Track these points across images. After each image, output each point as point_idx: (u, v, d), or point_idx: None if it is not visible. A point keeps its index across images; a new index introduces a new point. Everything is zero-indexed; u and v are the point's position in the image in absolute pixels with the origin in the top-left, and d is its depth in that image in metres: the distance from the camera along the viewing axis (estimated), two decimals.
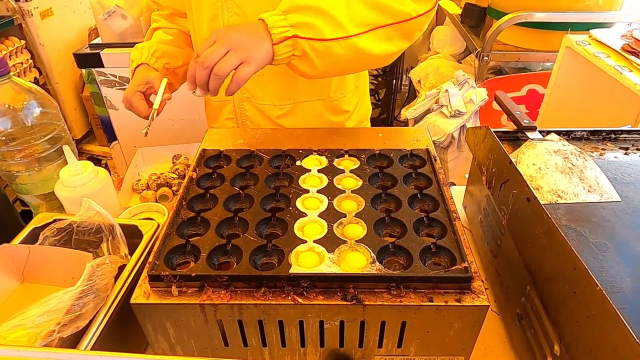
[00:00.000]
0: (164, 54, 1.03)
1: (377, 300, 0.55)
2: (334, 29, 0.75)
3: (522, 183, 0.64)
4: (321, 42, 0.75)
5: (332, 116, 1.09)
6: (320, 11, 0.75)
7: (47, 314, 0.51)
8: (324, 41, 0.75)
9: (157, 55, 1.01)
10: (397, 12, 0.80)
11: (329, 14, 0.75)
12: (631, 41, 1.31)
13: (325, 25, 0.75)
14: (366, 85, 1.21)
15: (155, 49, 1.01)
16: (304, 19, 0.74)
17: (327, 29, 0.75)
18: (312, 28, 0.74)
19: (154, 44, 1.03)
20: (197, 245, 0.62)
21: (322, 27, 0.74)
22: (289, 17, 0.74)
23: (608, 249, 0.60)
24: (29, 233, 0.71)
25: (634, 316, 0.50)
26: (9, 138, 0.79)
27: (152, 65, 0.99)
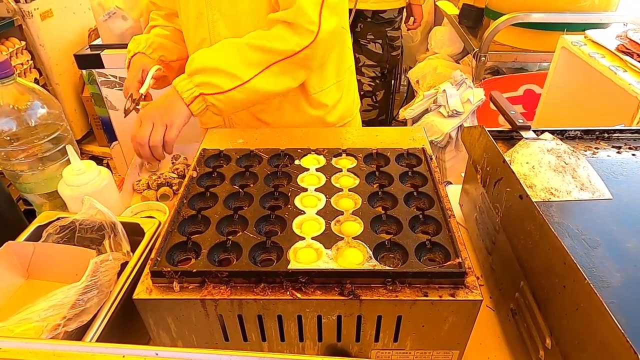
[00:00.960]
0: (160, 46, 1.09)
1: (374, 295, 0.57)
2: (230, 81, 0.89)
3: (515, 181, 0.66)
4: (222, 94, 0.89)
5: (312, 110, 1.12)
6: (215, 70, 0.89)
7: (53, 308, 0.52)
8: (224, 93, 0.89)
9: (153, 47, 1.07)
10: (282, 51, 0.91)
11: (222, 70, 0.89)
12: (626, 42, 1.32)
13: (222, 80, 0.89)
14: (351, 81, 1.22)
15: (152, 41, 1.07)
16: (204, 79, 0.89)
17: (224, 83, 0.89)
18: (212, 85, 0.88)
19: (151, 36, 1.09)
20: (198, 242, 0.63)
21: (220, 82, 0.89)
22: (194, 79, 0.89)
23: (599, 245, 0.62)
24: (33, 231, 0.72)
25: (623, 310, 0.52)
26: (13, 138, 0.80)
27: (148, 55, 1.05)
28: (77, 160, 0.78)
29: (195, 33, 1.04)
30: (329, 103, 1.13)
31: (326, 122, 1.14)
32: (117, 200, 0.88)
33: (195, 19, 1.02)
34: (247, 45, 0.91)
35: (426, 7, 2.88)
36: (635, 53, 1.28)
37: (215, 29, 1.01)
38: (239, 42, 0.92)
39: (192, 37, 1.05)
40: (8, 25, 2.22)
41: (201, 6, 0.99)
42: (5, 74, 0.76)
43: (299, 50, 0.91)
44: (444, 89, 1.91)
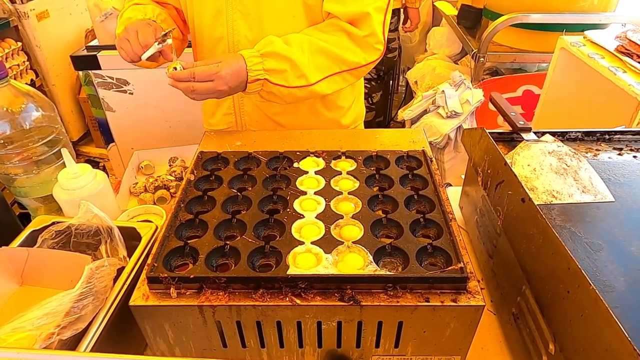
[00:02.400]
0: (166, 19, 1.01)
1: (374, 301, 0.56)
2: (298, 78, 0.89)
3: (517, 184, 0.65)
4: (285, 88, 0.89)
5: (328, 112, 1.11)
6: (290, 61, 0.88)
7: (47, 316, 0.51)
8: (288, 88, 0.89)
9: (161, 18, 0.99)
10: (350, 62, 0.93)
11: (296, 65, 0.88)
12: (625, 42, 1.32)
13: (292, 74, 0.89)
14: (361, 86, 1.23)
15: (159, 12, 1.00)
16: (277, 65, 0.87)
17: (292, 78, 0.89)
18: (281, 76, 0.88)
19: (156, 7, 1.00)
20: (195, 247, 0.62)
21: (289, 76, 0.89)
22: (265, 62, 0.87)
23: (602, 249, 0.61)
24: (28, 236, 0.71)
25: (628, 315, 0.51)
26: (7, 141, 0.79)
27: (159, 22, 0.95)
28: (72, 163, 0.77)
29: (211, 31, 1.00)
30: (345, 105, 1.13)
31: (341, 125, 1.15)
32: (114, 204, 0.86)
33: (212, 17, 0.98)
34: (321, 50, 0.91)
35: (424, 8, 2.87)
36: (634, 54, 1.27)
37: (235, 28, 0.98)
38: (314, 42, 0.92)
39: (207, 35, 1.02)
40: (4, 26, 2.21)
41: (220, 4, 0.96)
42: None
43: (365, 65, 0.95)
44: (443, 89, 1.90)
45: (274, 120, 1.09)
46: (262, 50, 0.88)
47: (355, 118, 1.20)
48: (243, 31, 0.98)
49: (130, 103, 1.92)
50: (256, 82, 0.87)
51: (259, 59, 0.87)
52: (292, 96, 0.92)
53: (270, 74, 0.87)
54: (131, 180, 1.09)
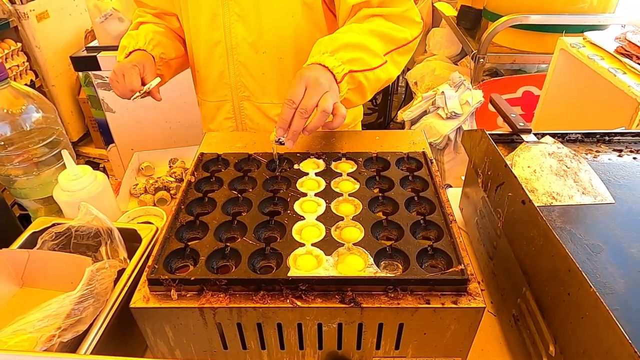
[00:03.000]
0: (159, 43, 1.01)
1: (375, 303, 0.56)
2: (374, 58, 0.84)
3: (517, 186, 0.65)
4: (371, 71, 0.83)
5: None
6: (359, 46, 0.82)
7: (48, 318, 0.51)
8: (372, 70, 0.84)
9: (153, 44, 0.99)
10: (399, 39, 0.90)
11: (366, 47, 0.83)
12: (625, 44, 1.32)
13: (369, 57, 0.83)
14: None
15: (152, 37, 1.00)
16: (350, 55, 0.80)
17: (370, 60, 0.83)
18: (361, 61, 0.81)
19: (149, 32, 1.01)
20: (196, 249, 0.62)
21: (367, 59, 0.83)
22: (337, 56, 0.79)
23: (602, 251, 0.61)
24: (28, 237, 0.71)
25: (628, 317, 0.51)
26: (7, 143, 0.79)
27: (149, 52, 0.97)
28: (73, 165, 0.77)
29: (208, 35, 1.00)
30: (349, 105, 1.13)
31: (346, 125, 1.15)
32: (114, 206, 0.86)
33: (208, 20, 0.98)
34: (371, 32, 0.86)
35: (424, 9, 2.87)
36: (634, 55, 1.28)
37: (232, 31, 0.98)
38: (362, 27, 0.87)
39: (204, 40, 1.01)
40: (4, 27, 2.21)
41: (216, 7, 0.95)
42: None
43: (412, 40, 0.92)
44: (443, 90, 1.90)
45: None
46: (329, 49, 0.80)
47: (354, 117, 1.20)
48: (241, 34, 0.98)
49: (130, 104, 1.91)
50: (344, 78, 0.79)
51: (331, 57, 0.79)
52: (378, 81, 0.86)
53: (351, 64, 0.80)
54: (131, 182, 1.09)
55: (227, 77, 1.04)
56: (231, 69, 1.03)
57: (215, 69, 1.05)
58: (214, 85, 1.08)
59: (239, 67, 1.02)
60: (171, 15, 1.10)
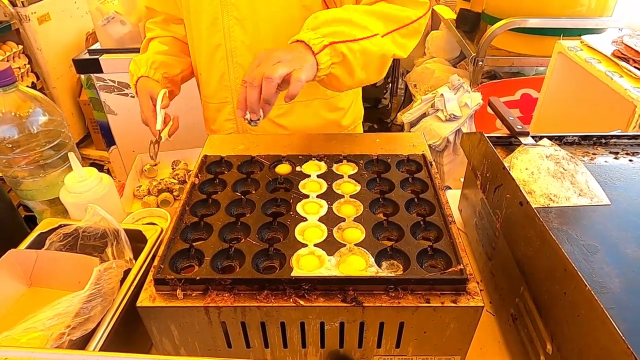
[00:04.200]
0: (161, 64, 1.06)
1: (376, 302, 0.57)
2: (362, 31, 0.81)
3: (515, 188, 0.66)
4: (356, 42, 0.79)
5: (328, 113, 1.13)
6: (343, 20, 0.80)
7: (57, 317, 0.52)
8: (358, 41, 0.80)
9: (154, 67, 1.05)
10: (400, 17, 0.88)
11: (351, 21, 0.81)
12: (621, 47, 1.34)
13: (353, 29, 0.80)
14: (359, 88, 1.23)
15: (153, 61, 1.05)
16: (332, 29, 0.79)
17: (356, 32, 0.80)
18: (343, 33, 0.79)
19: (150, 55, 1.07)
20: (200, 250, 0.64)
21: (351, 31, 0.79)
22: (319, 31, 0.78)
23: (598, 251, 0.62)
24: (35, 238, 0.72)
25: (623, 316, 0.52)
26: (15, 145, 0.80)
27: (151, 77, 1.03)
28: (79, 167, 0.78)
29: (209, 39, 1.02)
30: (345, 106, 1.15)
31: (341, 126, 1.16)
32: (119, 207, 0.88)
33: (209, 24, 1.00)
34: (369, 12, 0.85)
35: None
36: (631, 59, 1.29)
37: (231, 35, 1.00)
38: (360, 7, 0.87)
39: (205, 44, 1.04)
40: (5, 29, 2.22)
41: (216, 11, 0.97)
42: (7, 82, 0.76)
43: (415, 20, 0.90)
44: (442, 93, 1.92)
45: (276, 123, 1.10)
46: (311, 26, 0.80)
47: (355, 119, 1.21)
48: (239, 37, 1.00)
49: (132, 106, 1.93)
50: (323, 51, 0.76)
51: (312, 32, 0.78)
52: (365, 53, 0.81)
53: (331, 37, 0.77)
54: (135, 183, 1.11)
55: (228, 80, 1.07)
56: (231, 71, 1.05)
57: (216, 72, 1.07)
58: (215, 88, 1.10)
59: (239, 70, 1.04)
60: (178, 23, 1.13)
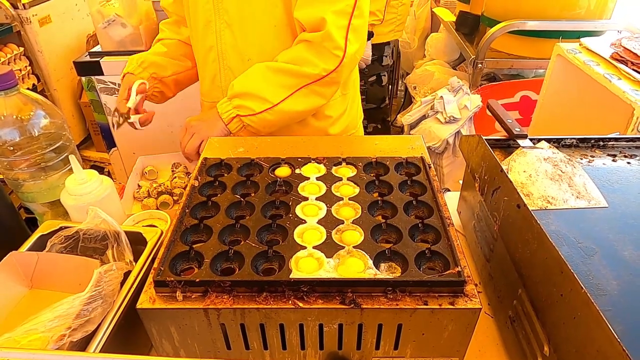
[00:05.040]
0: (151, 64, 1.14)
1: (374, 304, 0.58)
2: (261, 104, 0.98)
3: (512, 190, 0.67)
4: (255, 115, 0.99)
5: (315, 121, 1.14)
6: (249, 94, 0.98)
7: (58, 318, 0.53)
8: (256, 114, 0.99)
9: (143, 66, 1.13)
10: (310, 75, 0.97)
11: (255, 94, 0.98)
12: (620, 50, 1.34)
13: (254, 103, 0.98)
14: (355, 94, 1.25)
15: (143, 60, 1.14)
16: (241, 102, 0.99)
17: (256, 106, 0.98)
18: (246, 108, 0.99)
19: (144, 55, 1.17)
20: (200, 252, 0.64)
21: (252, 105, 0.98)
22: (232, 102, 1.00)
23: (596, 253, 0.63)
24: (36, 240, 0.73)
25: (620, 317, 0.53)
26: (16, 147, 0.81)
27: (136, 74, 1.11)
28: (80, 170, 0.79)
29: (204, 41, 1.06)
30: (333, 115, 1.15)
31: (329, 134, 1.17)
32: (119, 209, 0.88)
33: (203, 27, 1.04)
34: (278, 70, 0.98)
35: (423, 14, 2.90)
36: (629, 61, 1.30)
37: (222, 38, 1.03)
38: (272, 65, 0.99)
39: (201, 45, 1.08)
40: (6, 32, 2.23)
41: (210, 14, 1.01)
42: (9, 85, 0.77)
43: (325, 75, 0.96)
44: (441, 95, 1.92)
45: None
46: (228, 95, 1.01)
47: (346, 128, 1.21)
48: (229, 41, 1.04)
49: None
50: (232, 121, 1.00)
51: (228, 102, 1.00)
52: (264, 121, 1.00)
53: (239, 109, 0.99)
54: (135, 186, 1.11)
55: (219, 81, 1.11)
56: (222, 73, 1.09)
57: (209, 73, 1.11)
58: (208, 87, 1.15)
59: (228, 73, 1.08)
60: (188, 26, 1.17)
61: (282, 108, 0.99)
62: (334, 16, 0.93)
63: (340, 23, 0.94)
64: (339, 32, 0.94)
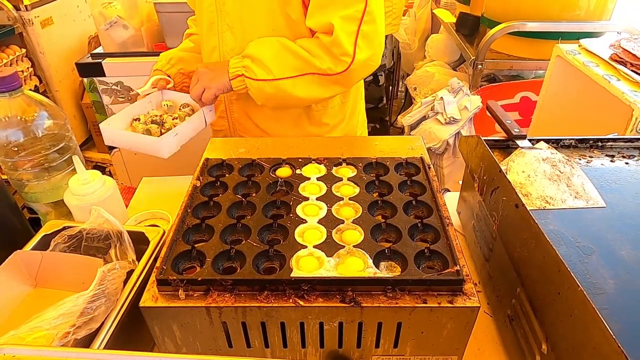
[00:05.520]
0: (179, 60, 1.19)
1: (374, 302, 0.58)
2: (265, 73, 0.98)
3: (510, 190, 0.67)
4: (255, 81, 0.99)
5: (311, 127, 1.15)
6: (258, 59, 0.98)
7: (63, 316, 0.53)
8: (256, 80, 0.99)
9: (172, 63, 1.17)
10: (318, 67, 0.96)
11: (262, 61, 0.98)
12: (619, 51, 1.35)
13: (259, 70, 0.98)
14: (357, 104, 1.24)
15: (171, 57, 1.19)
16: (250, 63, 0.99)
17: (259, 72, 0.98)
18: (252, 71, 0.99)
19: (173, 52, 1.23)
20: (202, 251, 0.65)
21: (257, 71, 0.99)
22: (244, 61, 1.00)
23: (593, 253, 0.64)
24: (40, 240, 0.74)
25: (617, 316, 0.54)
26: (20, 148, 0.81)
27: (165, 71, 1.17)
28: (83, 170, 0.80)
29: (208, 41, 1.09)
30: (330, 122, 1.16)
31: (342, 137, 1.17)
32: (122, 209, 0.89)
33: (207, 28, 1.07)
34: (291, 51, 0.98)
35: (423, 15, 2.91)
36: (628, 62, 1.30)
37: (224, 39, 1.06)
38: (286, 44, 0.99)
39: (205, 45, 1.11)
40: (9, 33, 2.24)
41: (213, 15, 1.04)
42: (13, 87, 0.78)
43: (332, 74, 0.96)
44: (442, 96, 1.93)
45: (259, 127, 1.16)
46: (244, 53, 1.01)
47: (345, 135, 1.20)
48: (230, 43, 1.06)
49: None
50: (236, 78, 1.00)
51: (240, 58, 1.00)
52: (261, 91, 0.99)
53: (246, 70, 0.99)
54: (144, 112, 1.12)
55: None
56: None
57: None
58: None
59: None
60: None
61: (283, 86, 0.98)
62: (342, 21, 0.92)
63: (349, 29, 0.92)
64: (347, 38, 0.92)
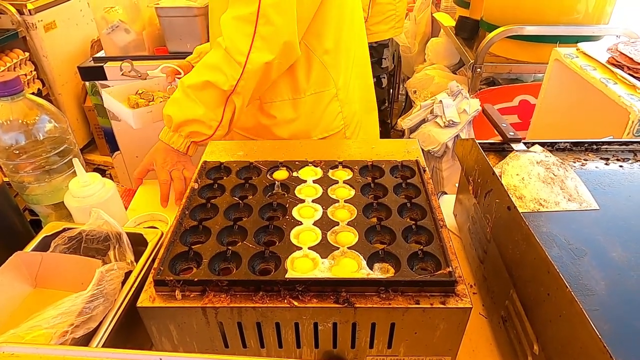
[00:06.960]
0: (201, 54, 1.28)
1: (368, 303, 0.59)
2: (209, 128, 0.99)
3: (503, 193, 0.68)
4: (209, 138, 1.00)
5: (261, 117, 1.15)
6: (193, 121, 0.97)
7: (61, 316, 0.55)
8: (211, 137, 1.00)
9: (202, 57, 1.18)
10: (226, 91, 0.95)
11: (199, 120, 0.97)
12: (616, 55, 1.36)
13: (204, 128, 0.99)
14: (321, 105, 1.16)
15: (202, 51, 1.29)
16: (190, 129, 0.98)
17: (206, 130, 0.99)
18: (199, 134, 0.99)
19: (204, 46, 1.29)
20: (199, 252, 0.66)
21: (203, 130, 0.99)
22: (181, 132, 0.99)
23: (585, 255, 0.64)
24: (40, 241, 0.75)
25: (607, 316, 0.54)
26: (21, 151, 0.83)
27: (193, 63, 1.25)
28: (83, 173, 0.81)
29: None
30: (278, 116, 1.13)
31: (274, 134, 1.16)
32: (121, 211, 0.90)
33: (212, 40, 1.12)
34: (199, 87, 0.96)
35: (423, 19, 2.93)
36: (625, 66, 1.31)
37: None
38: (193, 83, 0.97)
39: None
40: (12, 37, 2.27)
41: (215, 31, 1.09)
42: (15, 91, 0.79)
43: (235, 85, 0.94)
44: (441, 99, 1.94)
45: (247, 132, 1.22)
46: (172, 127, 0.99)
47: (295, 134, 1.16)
48: None
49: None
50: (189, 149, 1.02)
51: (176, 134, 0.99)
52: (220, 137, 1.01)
53: (192, 136, 1.00)
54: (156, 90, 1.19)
55: None
56: None
57: None
58: None
59: None
60: None
61: (227, 119, 0.99)
62: (237, 22, 0.92)
63: (245, 29, 0.91)
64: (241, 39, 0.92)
